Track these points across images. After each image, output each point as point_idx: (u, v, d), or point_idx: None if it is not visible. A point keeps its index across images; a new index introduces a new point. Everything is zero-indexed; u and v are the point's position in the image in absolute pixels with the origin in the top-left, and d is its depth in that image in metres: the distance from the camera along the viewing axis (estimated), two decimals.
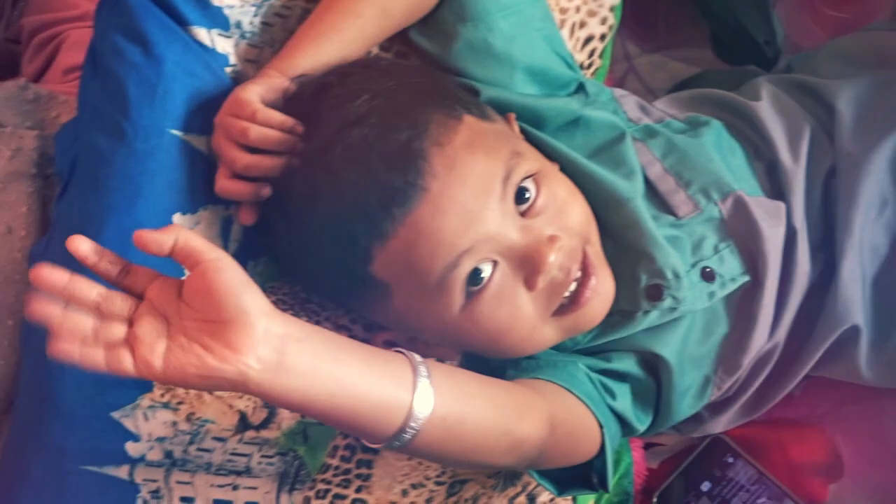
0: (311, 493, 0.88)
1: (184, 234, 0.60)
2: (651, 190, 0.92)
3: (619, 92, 1.00)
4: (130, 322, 0.60)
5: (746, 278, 0.90)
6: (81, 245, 0.60)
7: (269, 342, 0.59)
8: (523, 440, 0.73)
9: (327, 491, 0.89)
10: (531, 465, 0.82)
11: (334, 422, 0.65)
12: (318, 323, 0.88)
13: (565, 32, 1.00)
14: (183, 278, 0.62)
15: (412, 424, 0.65)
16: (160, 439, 0.82)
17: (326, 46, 0.84)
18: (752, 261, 0.90)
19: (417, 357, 0.67)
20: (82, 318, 0.59)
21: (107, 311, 0.60)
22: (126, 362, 0.59)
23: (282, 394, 0.61)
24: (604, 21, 1.02)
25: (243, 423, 0.85)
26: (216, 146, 0.82)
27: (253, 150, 0.80)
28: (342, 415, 0.63)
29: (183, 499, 0.84)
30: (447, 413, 0.66)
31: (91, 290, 0.60)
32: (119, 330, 0.60)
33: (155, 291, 0.62)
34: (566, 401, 0.82)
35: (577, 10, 1.01)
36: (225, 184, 0.81)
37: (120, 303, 0.61)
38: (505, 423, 0.72)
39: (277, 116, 0.79)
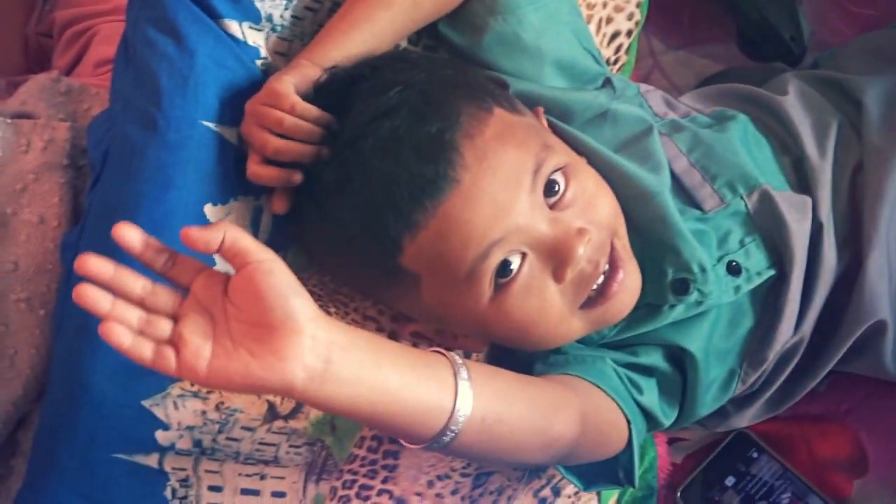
0: (338, 483, 0.89)
1: (232, 231, 0.59)
2: (677, 184, 0.92)
3: (644, 87, 1.00)
4: (175, 317, 0.60)
5: (772, 272, 0.90)
6: (128, 233, 0.59)
7: (315, 351, 0.59)
8: (556, 438, 0.73)
9: (354, 481, 0.89)
10: (561, 461, 0.82)
11: (377, 425, 0.65)
12: (346, 314, 0.88)
13: (592, 28, 1.00)
14: (229, 273, 0.61)
15: (453, 427, 0.65)
16: (189, 428, 0.82)
17: (357, 38, 0.84)
18: (778, 255, 0.90)
19: (458, 359, 0.67)
20: (129, 310, 0.58)
21: (152, 305, 0.59)
22: (170, 362, 0.58)
23: (326, 400, 0.61)
24: (630, 17, 1.03)
25: (272, 413, 0.85)
26: (246, 132, 0.82)
27: (283, 136, 0.80)
28: (385, 419, 0.64)
29: (211, 487, 0.85)
30: (486, 414, 0.67)
31: (136, 283, 0.59)
32: (164, 326, 0.59)
33: (200, 286, 0.61)
34: (595, 397, 0.82)
35: (604, 5, 1.01)
36: (256, 169, 0.81)
37: (165, 297, 0.60)
38: (539, 422, 0.72)
39: (315, 111, 0.80)
